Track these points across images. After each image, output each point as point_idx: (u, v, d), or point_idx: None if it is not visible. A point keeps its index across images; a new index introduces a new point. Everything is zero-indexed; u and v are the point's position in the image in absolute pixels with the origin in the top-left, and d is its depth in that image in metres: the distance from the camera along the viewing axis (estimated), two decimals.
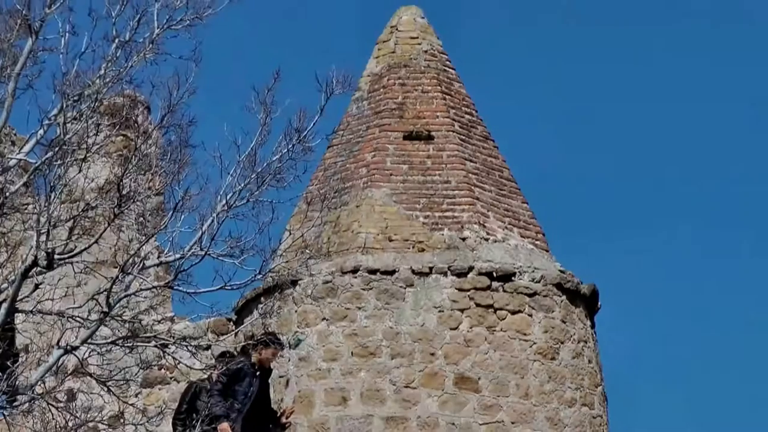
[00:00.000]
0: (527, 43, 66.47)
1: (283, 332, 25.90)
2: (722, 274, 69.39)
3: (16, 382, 21.98)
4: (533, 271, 26.14)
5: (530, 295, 26.03)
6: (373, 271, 25.85)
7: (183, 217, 21.32)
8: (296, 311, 26.02)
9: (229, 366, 25.90)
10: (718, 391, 66.33)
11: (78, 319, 21.35)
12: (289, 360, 25.86)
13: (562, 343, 26.05)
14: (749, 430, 63.18)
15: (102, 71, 20.56)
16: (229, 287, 22.01)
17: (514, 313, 25.93)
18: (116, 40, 20.54)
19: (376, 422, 25.42)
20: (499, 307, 25.89)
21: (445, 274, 25.87)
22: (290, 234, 26.24)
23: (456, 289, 25.85)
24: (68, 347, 21.27)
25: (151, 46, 20.64)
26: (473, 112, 27.63)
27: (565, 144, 64.85)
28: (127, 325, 21.93)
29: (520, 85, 62.17)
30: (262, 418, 25.69)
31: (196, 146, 21.47)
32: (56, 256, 20.35)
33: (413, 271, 25.85)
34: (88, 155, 21.23)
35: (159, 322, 25.79)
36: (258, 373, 25.33)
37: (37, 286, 20.91)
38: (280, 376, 25.84)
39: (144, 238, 22.03)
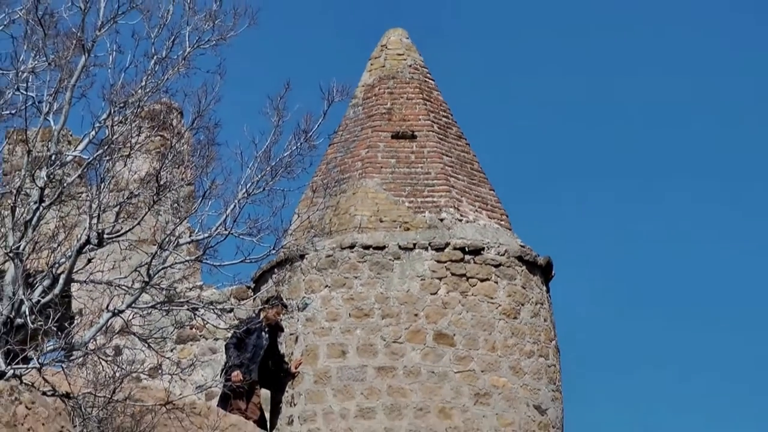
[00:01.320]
0: (490, 57, 65.64)
1: (292, 297, 25.82)
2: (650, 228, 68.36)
3: (72, 340, 21.83)
4: (498, 247, 26.04)
5: (496, 266, 25.95)
6: (366, 247, 25.78)
7: (210, 203, 21.24)
8: (303, 280, 25.91)
9: (239, 323, 25.93)
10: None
11: (123, 287, 21.25)
12: (297, 320, 25.78)
13: (522, 305, 25.96)
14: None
15: (143, 83, 20.49)
16: (249, 261, 21.91)
17: (482, 280, 25.84)
18: (154, 57, 20.46)
19: (369, 371, 25.31)
20: (470, 276, 25.80)
21: (426, 248, 25.77)
22: (298, 216, 26.19)
23: (435, 261, 25.76)
24: (115, 311, 21.16)
25: (183, 62, 20.54)
26: (449, 115, 27.56)
27: (526, 142, 64.14)
28: (164, 292, 21.86)
29: (489, 89, 61.76)
30: (275, 368, 25.66)
31: (220, 144, 21.41)
32: (105, 236, 20.27)
33: (400, 247, 25.77)
34: (131, 152, 21.14)
35: (190, 289, 25.76)
36: (266, 328, 25.40)
37: (89, 261, 20.83)
38: (291, 334, 25.76)
39: (178, 220, 22.00)
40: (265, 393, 25.72)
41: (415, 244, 25.84)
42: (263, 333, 25.54)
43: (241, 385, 25.07)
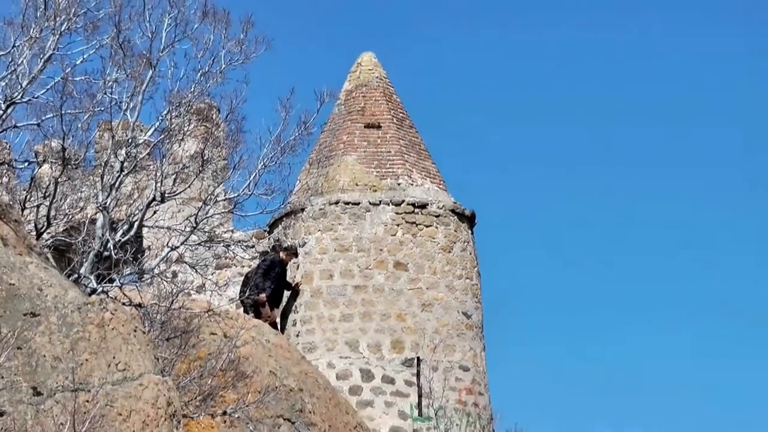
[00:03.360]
0: (431, 69, 64.77)
1: (296, 238, 25.93)
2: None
3: (143, 267, 22.03)
4: (438, 203, 26.10)
5: (436, 216, 26.00)
6: (347, 203, 25.83)
7: (238, 172, 21.33)
8: (303, 226, 25.97)
9: (266, 259, 26.13)
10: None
11: (178, 230, 21.41)
12: (300, 254, 25.92)
13: (454, 243, 26.06)
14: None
15: (192, 89, 20.52)
16: (265, 212, 22.06)
17: (427, 226, 25.88)
18: (200, 71, 20.48)
19: (348, 289, 25.37)
20: (419, 223, 25.85)
21: (388, 204, 25.82)
22: (299, 182, 26.36)
23: (394, 213, 25.78)
24: (173, 247, 21.34)
25: (220, 74, 20.56)
26: (404, 111, 27.49)
27: (461, 125, 62.95)
28: (206, 234, 22.00)
29: (431, 90, 61.11)
30: (282, 289, 25.88)
31: (245, 132, 21.48)
32: (166, 195, 20.36)
33: (370, 203, 25.80)
34: (183, 137, 21.24)
35: (224, 232, 25.77)
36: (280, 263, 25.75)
37: (155, 212, 20.94)
38: (294, 263, 25.92)
39: (216, 184, 22.04)
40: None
41: (380, 201, 25.94)
42: (279, 268, 25.91)
43: (263, 301, 25.38)
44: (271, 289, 25.51)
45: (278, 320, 25.76)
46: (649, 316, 59.65)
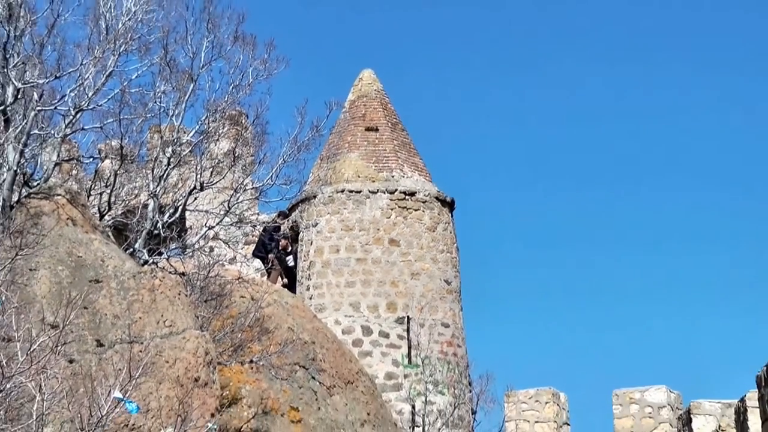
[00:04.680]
0: (422, 83, 65.00)
1: (309, 219, 25.93)
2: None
3: (186, 243, 22.04)
4: (425, 191, 26.19)
5: (423, 202, 26.07)
6: (350, 191, 25.89)
7: (263, 166, 21.33)
8: (315, 210, 26.01)
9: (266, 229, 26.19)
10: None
11: (214, 213, 21.42)
12: (312, 233, 25.88)
13: (438, 224, 26.12)
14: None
15: (226, 99, 20.51)
16: (285, 199, 22.09)
17: (416, 210, 25.95)
18: (231, 85, 20.49)
19: (352, 261, 25.44)
20: (409, 208, 25.91)
21: (384, 192, 25.88)
22: (312, 174, 26.39)
23: (389, 199, 25.85)
24: (210, 226, 21.34)
25: (248, 87, 20.55)
26: (396, 117, 27.57)
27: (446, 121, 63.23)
28: (237, 216, 22.01)
29: (419, 98, 61.37)
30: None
31: (268, 133, 21.45)
32: (204, 184, 20.35)
33: (369, 191, 25.86)
34: (219, 137, 21.25)
35: (252, 215, 25.78)
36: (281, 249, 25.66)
37: (195, 198, 20.95)
38: (308, 239, 25.90)
39: (245, 176, 22.04)
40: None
41: (377, 190, 26.01)
42: (280, 252, 25.93)
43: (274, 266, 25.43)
44: (275, 248, 25.68)
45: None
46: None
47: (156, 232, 19.60)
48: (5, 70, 17.49)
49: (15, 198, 17.35)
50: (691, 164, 61.91)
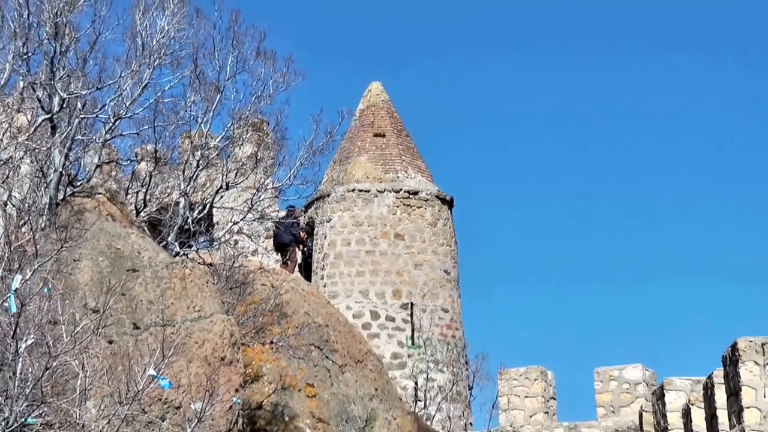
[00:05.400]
0: (424, 95, 64.58)
1: (324, 215, 25.91)
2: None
3: (213, 237, 22.05)
4: (427, 191, 26.16)
5: (425, 201, 26.06)
6: (360, 190, 25.87)
7: (282, 168, 21.28)
8: (329, 207, 26.01)
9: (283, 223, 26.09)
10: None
11: (238, 210, 21.37)
12: (326, 227, 25.87)
13: (438, 220, 26.10)
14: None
15: (249, 108, 20.49)
16: (302, 198, 22.12)
17: (419, 207, 25.93)
18: (254, 95, 20.47)
19: (362, 253, 25.44)
20: (412, 205, 25.89)
21: (390, 191, 25.87)
22: (326, 175, 26.37)
23: (395, 198, 25.84)
24: (235, 222, 21.32)
25: (269, 97, 20.53)
26: (401, 124, 27.58)
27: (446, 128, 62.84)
28: (259, 213, 22.00)
29: (420, 107, 60.82)
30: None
31: (287, 139, 21.40)
32: (230, 184, 20.33)
33: (377, 191, 25.85)
34: (243, 142, 21.22)
35: (272, 212, 25.77)
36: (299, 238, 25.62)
37: (222, 197, 20.93)
38: (322, 233, 25.88)
39: (266, 177, 22.00)
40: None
41: (384, 189, 25.98)
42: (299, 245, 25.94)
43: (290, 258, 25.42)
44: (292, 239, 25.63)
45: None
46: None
47: (186, 227, 19.58)
48: (52, 82, 17.50)
49: (61, 196, 17.39)
50: (670, 153, 61.13)
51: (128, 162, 21.26)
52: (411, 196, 26.00)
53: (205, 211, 20.33)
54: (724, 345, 16.43)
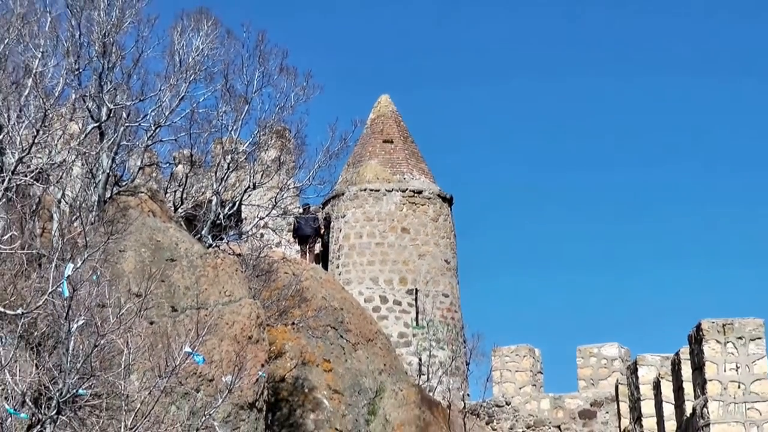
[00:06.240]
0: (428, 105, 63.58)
1: (339, 212, 25.85)
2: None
3: (241, 230, 22.06)
4: (429, 190, 26.04)
5: (428, 199, 25.96)
6: (371, 190, 25.76)
7: (302, 170, 21.28)
8: (343, 204, 25.93)
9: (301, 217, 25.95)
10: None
11: (264, 207, 21.38)
12: (341, 222, 25.83)
13: (439, 216, 26.00)
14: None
15: (273, 117, 20.46)
16: (320, 196, 22.28)
17: (422, 205, 25.82)
18: (278, 106, 20.39)
19: (372, 245, 25.34)
20: (417, 203, 25.74)
21: (397, 191, 25.73)
22: (341, 176, 26.33)
23: (401, 196, 25.74)
24: (261, 217, 21.32)
25: (291, 108, 20.49)
26: (407, 131, 27.50)
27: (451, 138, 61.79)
28: (282, 209, 21.99)
29: (423, 116, 59.97)
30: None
31: (307, 144, 21.44)
32: (256, 184, 20.33)
33: (386, 190, 25.72)
34: (267, 147, 21.24)
35: (294, 208, 25.73)
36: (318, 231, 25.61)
37: (249, 195, 20.89)
38: (338, 228, 25.84)
39: (288, 177, 22.04)
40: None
41: (392, 189, 25.87)
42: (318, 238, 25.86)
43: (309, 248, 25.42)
44: (312, 231, 25.56)
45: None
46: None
47: (218, 221, 19.54)
48: (100, 94, 17.54)
49: (108, 195, 17.43)
50: (638, 145, 59.87)
51: (167, 164, 21.29)
52: (415, 195, 25.93)
53: (235, 208, 20.27)
54: (690, 326, 16.46)
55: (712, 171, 57.55)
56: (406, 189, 25.86)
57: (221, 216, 19.57)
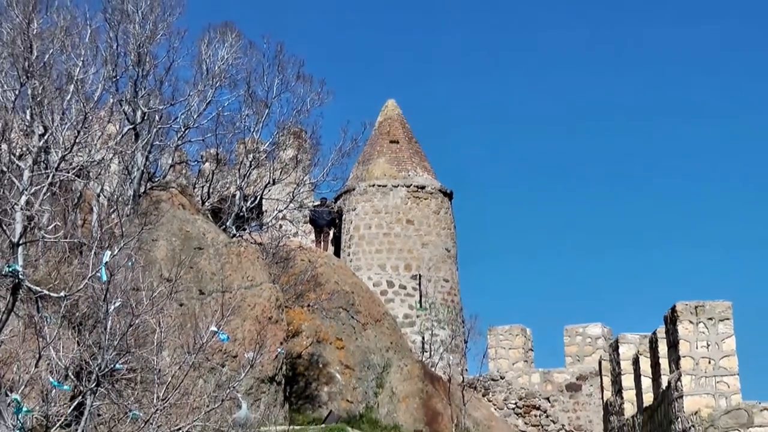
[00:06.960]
0: (430, 111, 63.08)
1: (350, 205, 25.76)
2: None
3: (262, 222, 22.09)
4: (432, 186, 25.88)
5: (430, 194, 25.83)
6: (379, 185, 25.64)
7: (317, 167, 21.35)
8: (354, 198, 25.84)
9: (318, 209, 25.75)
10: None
11: (283, 200, 21.39)
12: (352, 214, 25.78)
13: (441, 209, 25.90)
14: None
15: (291, 120, 20.50)
16: (333, 191, 22.28)
17: (425, 199, 25.70)
18: (295, 110, 20.43)
19: (380, 235, 25.25)
20: (420, 197, 25.59)
21: (402, 186, 25.62)
22: (352, 173, 26.28)
23: (406, 191, 25.63)
24: (280, 210, 21.34)
25: (306, 111, 20.49)
26: (412, 133, 27.35)
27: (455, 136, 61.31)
28: (299, 203, 22.00)
29: (426, 120, 59.25)
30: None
31: (321, 144, 21.51)
32: (276, 180, 20.40)
33: (392, 186, 25.60)
34: (286, 147, 21.24)
35: (309, 202, 25.71)
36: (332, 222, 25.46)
37: (269, 190, 20.95)
38: (349, 220, 25.80)
39: (305, 174, 22.01)
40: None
41: (398, 185, 25.76)
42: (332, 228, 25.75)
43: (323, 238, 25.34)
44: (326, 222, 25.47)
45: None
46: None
47: (241, 214, 19.64)
48: (135, 99, 17.59)
49: (142, 190, 17.49)
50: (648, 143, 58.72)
51: (195, 162, 21.34)
52: (419, 190, 25.85)
53: (256, 202, 20.43)
54: (667, 308, 16.42)
55: (693, 161, 56.14)
56: (411, 185, 25.80)
57: (244, 209, 19.66)
